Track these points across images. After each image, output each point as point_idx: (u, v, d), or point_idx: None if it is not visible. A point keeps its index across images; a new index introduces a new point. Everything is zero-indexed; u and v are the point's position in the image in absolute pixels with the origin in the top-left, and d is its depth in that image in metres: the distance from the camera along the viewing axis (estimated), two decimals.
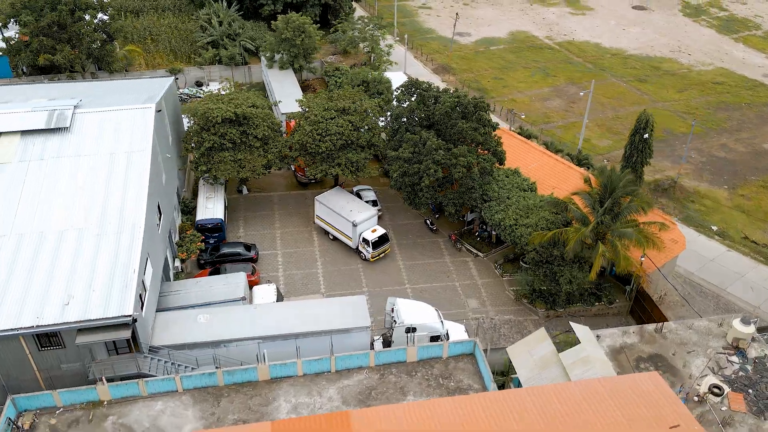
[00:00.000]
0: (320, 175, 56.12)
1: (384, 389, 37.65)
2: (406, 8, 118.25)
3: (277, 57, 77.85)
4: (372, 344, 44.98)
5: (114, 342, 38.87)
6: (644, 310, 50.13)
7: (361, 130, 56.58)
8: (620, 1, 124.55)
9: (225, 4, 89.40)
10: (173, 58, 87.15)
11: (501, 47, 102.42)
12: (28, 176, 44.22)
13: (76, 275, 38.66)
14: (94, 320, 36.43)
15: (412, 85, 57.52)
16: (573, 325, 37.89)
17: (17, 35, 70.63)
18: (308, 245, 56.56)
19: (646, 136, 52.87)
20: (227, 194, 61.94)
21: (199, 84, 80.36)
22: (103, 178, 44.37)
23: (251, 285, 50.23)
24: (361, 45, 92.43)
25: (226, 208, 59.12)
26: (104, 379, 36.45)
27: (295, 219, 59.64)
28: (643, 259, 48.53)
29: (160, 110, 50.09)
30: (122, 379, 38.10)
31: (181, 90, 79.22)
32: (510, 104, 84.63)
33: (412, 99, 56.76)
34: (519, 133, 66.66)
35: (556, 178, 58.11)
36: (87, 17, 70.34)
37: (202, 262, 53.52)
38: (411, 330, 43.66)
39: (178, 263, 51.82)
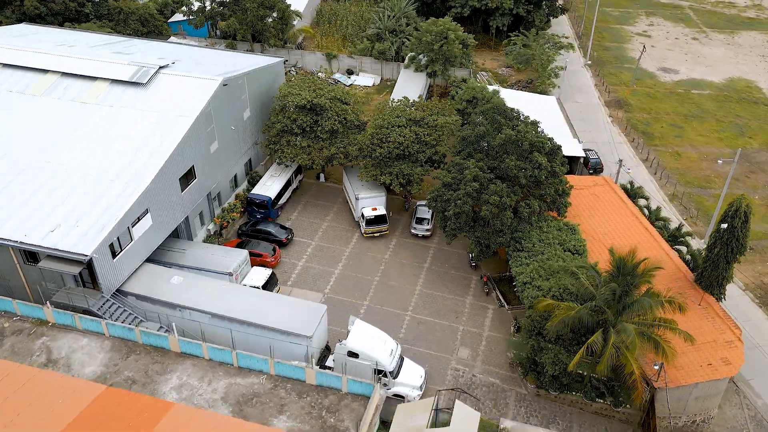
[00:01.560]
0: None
1: (266, 400, 36.48)
2: (621, 33, 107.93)
3: (417, 58, 77.07)
4: (321, 358, 43.49)
5: (82, 276, 43.39)
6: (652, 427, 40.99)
7: (425, 143, 54.22)
8: None
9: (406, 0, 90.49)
10: (344, 44, 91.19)
11: (705, 92, 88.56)
12: (94, 118, 50.64)
13: (74, 209, 43.57)
14: (57, 250, 40.90)
15: (497, 110, 53.16)
16: (458, 403, 32.58)
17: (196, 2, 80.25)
18: (343, 245, 56.06)
19: (724, 226, 42.09)
20: (306, 178, 64.05)
21: (350, 72, 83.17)
22: (146, 133, 49.00)
23: (267, 266, 51.75)
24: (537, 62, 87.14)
25: (294, 189, 61.26)
26: (50, 303, 41.06)
27: (347, 216, 59.37)
28: (657, 367, 39.62)
29: (226, 84, 53.33)
30: (85, 312, 42.25)
31: (332, 75, 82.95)
32: (670, 157, 73.39)
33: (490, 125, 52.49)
34: (625, 189, 57.54)
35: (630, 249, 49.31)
36: None
37: (240, 232, 56.38)
38: (352, 355, 41.42)
39: (212, 226, 55.17)
